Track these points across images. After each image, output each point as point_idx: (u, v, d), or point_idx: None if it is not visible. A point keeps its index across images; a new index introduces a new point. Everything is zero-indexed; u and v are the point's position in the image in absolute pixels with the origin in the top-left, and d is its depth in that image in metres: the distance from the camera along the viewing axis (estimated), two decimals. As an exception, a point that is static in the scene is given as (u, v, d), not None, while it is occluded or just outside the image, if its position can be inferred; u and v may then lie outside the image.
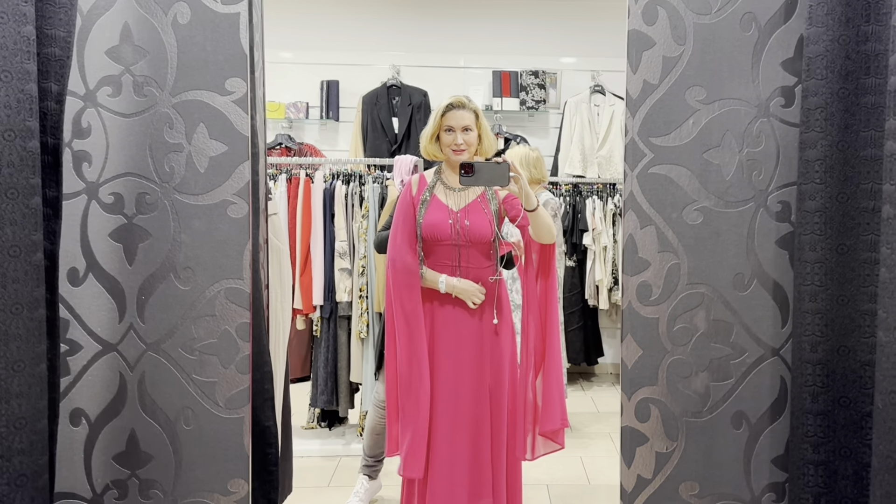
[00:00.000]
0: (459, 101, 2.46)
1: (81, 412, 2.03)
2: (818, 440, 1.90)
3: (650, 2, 2.01)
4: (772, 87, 2.02)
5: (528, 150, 3.87)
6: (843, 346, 1.89)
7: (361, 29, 5.54)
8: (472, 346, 2.45)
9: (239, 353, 2.03)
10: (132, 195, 1.99)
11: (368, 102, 5.27)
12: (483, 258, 2.47)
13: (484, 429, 2.44)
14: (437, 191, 2.51)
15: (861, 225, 1.88)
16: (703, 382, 2.06)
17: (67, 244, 1.96)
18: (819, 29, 1.88)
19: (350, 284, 3.75)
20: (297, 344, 4.37)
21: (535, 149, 3.91)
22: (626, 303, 2.06)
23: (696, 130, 2.03)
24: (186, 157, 1.99)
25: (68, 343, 2.00)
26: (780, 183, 2.03)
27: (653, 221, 2.05)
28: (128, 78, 1.98)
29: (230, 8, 1.98)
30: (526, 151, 3.83)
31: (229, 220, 2.00)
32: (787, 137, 2.02)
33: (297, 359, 3.95)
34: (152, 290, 2.01)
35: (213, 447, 2.03)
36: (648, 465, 2.08)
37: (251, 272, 2.04)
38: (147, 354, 2.02)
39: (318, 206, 3.79)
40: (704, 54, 2.02)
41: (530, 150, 3.87)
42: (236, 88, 1.99)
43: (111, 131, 1.98)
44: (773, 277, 2.04)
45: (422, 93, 5.31)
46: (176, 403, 2.03)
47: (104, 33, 1.97)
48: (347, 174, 3.87)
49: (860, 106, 1.87)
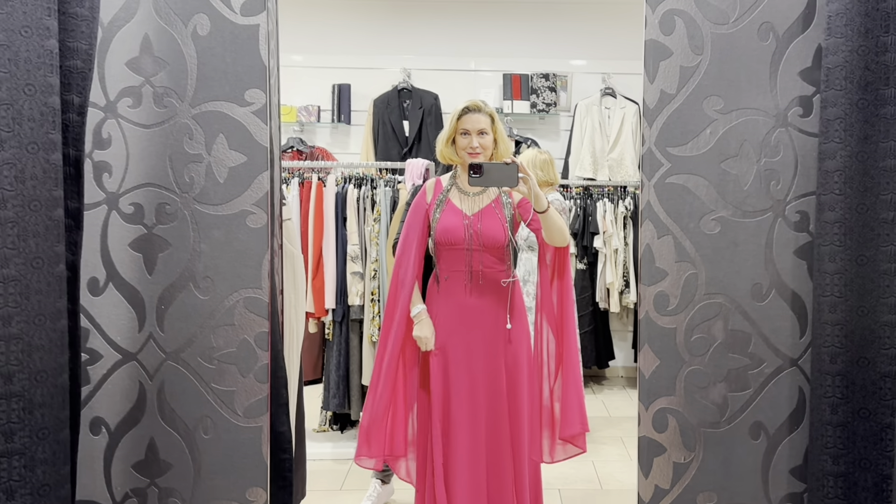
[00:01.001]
0: (476, 104, 2.47)
1: (101, 421, 2.04)
2: (838, 451, 1.89)
3: (667, 12, 2.01)
4: (790, 97, 2.02)
5: (538, 152, 3.88)
6: (862, 358, 1.89)
7: (372, 32, 5.55)
8: (485, 351, 2.46)
9: (258, 363, 2.03)
10: (152, 205, 2.00)
11: (380, 106, 5.28)
12: (497, 262, 2.47)
13: (503, 435, 2.45)
14: (451, 195, 2.52)
15: (881, 236, 1.87)
16: (720, 393, 2.06)
17: (87, 254, 1.96)
18: (838, 39, 1.88)
19: (362, 288, 3.76)
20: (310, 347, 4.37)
21: (544, 151, 3.92)
22: (644, 312, 2.06)
23: (714, 140, 2.03)
24: (206, 168, 2.00)
25: (88, 352, 2.01)
26: (799, 193, 2.03)
27: (670, 231, 2.05)
28: (148, 89, 1.98)
29: (249, 20, 1.98)
30: (535, 154, 3.85)
31: (248, 229, 2.01)
32: (805, 147, 2.02)
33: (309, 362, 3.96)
34: (172, 300, 2.02)
35: (231, 456, 2.04)
36: (666, 475, 2.08)
37: (269, 280, 2.05)
38: (166, 363, 2.03)
39: (329, 209, 3.80)
40: (722, 64, 2.02)
41: (539, 152, 3.88)
42: (255, 99, 2.00)
43: (131, 142, 1.99)
44: (792, 288, 2.04)
45: (433, 96, 5.31)
46: (195, 412, 2.04)
47: (125, 45, 1.98)
48: (359, 178, 3.88)
49: (879, 117, 1.87)
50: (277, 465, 2.26)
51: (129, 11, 1.98)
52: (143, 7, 1.98)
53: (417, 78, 5.39)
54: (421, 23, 5.58)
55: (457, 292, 2.47)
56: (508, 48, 5.59)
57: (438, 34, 5.60)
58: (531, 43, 5.60)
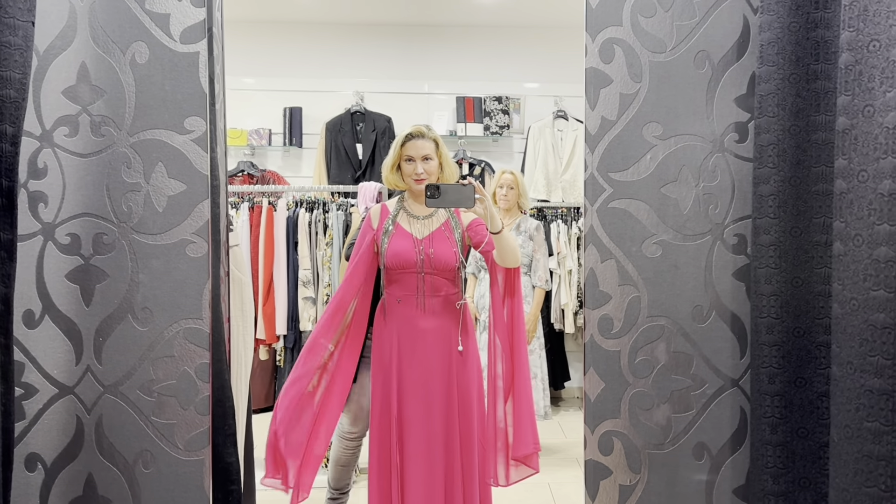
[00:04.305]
0: (419, 130, 2.49)
1: (37, 457, 1.98)
2: (778, 471, 1.92)
3: (607, 41, 2.05)
4: (726, 123, 2.06)
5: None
6: (800, 378, 1.92)
7: (325, 55, 5.55)
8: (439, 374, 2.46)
9: (198, 395, 2.00)
10: (89, 235, 1.97)
11: (332, 129, 5.27)
12: (448, 284, 2.48)
13: (455, 456, 2.44)
14: (400, 219, 2.52)
15: (815, 258, 1.92)
16: (664, 414, 2.08)
17: (22, 286, 1.92)
18: (770, 68, 1.93)
19: (314, 313, 3.73)
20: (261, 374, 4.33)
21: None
22: (588, 336, 2.08)
23: (654, 165, 2.07)
24: (144, 197, 1.97)
25: (24, 387, 1.96)
26: (736, 216, 2.07)
27: (613, 255, 2.07)
28: (85, 118, 1.95)
29: (189, 47, 1.97)
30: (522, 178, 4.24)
31: (188, 259, 1.99)
32: (741, 172, 2.06)
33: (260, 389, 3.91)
34: (110, 332, 1.98)
35: (172, 490, 2.00)
36: (612, 498, 2.08)
37: (210, 310, 2.02)
38: (105, 397, 1.99)
39: (281, 234, 3.78)
40: (660, 91, 2.06)
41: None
42: (195, 127, 1.98)
43: (68, 171, 1.95)
44: (731, 309, 2.07)
45: (386, 119, 5.32)
46: (134, 446, 1.99)
47: (61, 73, 1.94)
48: (311, 202, 3.86)
49: (811, 142, 1.92)
50: (226, 496, 2.21)
51: (65, 40, 1.95)
52: (80, 35, 1.95)
53: (370, 101, 5.40)
54: (374, 46, 5.60)
55: (410, 315, 2.47)
56: (461, 71, 5.63)
57: (391, 57, 5.62)
58: (484, 66, 5.65)
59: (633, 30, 2.04)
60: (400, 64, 5.62)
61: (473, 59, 5.65)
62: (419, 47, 5.64)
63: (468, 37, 5.65)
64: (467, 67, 5.64)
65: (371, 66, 5.58)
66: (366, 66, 5.58)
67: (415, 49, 5.64)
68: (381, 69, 5.58)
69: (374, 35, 5.60)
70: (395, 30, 5.61)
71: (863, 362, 1.58)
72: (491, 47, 5.66)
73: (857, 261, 1.59)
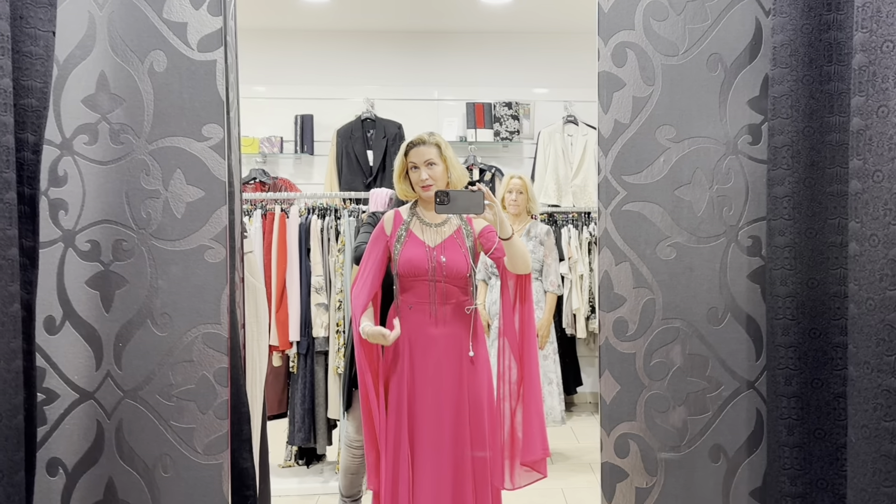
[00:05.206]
0: (419, 138, 2.52)
1: (59, 461, 2.00)
2: (795, 472, 1.92)
3: (619, 44, 2.06)
4: (739, 125, 2.07)
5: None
6: (816, 379, 1.92)
7: (335, 63, 5.59)
8: (451, 379, 2.47)
9: (217, 399, 2.02)
10: (109, 242, 1.99)
11: (343, 136, 5.30)
12: (460, 291, 2.49)
13: (465, 461, 2.45)
14: (413, 227, 2.53)
15: (830, 259, 1.92)
16: (680, 416, 2.09)
17: (44, 292, 1.94)
18: (783, 70, 1.93)
19: (327, 319, 3.74)
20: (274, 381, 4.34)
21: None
22: (604, 339, 2.08)
23: (668, 168, 2.07)
24: (163, 204, 2.00)
25: (45, 392, 1.98)
26: (750, 218, 2.07)
27: (627, 258, 2.08)
28: (104, 126, 1.98)
29: (207, 55, 1.99)
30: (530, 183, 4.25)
31: (206, 264, 2.01)
32: (755, 174, 2.07)
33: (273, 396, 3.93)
34: (129, 337, 2.00)
35: (192, 494, 2.01)
36: (629, 500, 2.09)
37: (228, 315, 2.04)
38: (124, 402, 2.01)
39: (293, 240, 3.80)
40: (673, 94, 2.07)
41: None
42: (213, 134, 2.00)
43: (87, 179, 1.98)
44: (746, 311, 2.08)
45: (396, 125, 5.35)
46: (154, 451, 2.01)
47: (80, 82, 1.97)
48: (323, 208, 3.88)
49: (825, 143, 1.92)
50: (242, 501, 2.23)
51: (84, 49, 1.98)
52: (99, 44, 1.98)
53: (381, 107, 5.42)
54: (383, 53, 5.64)
55: (421, 322, 2.48)
56: (471, 77, 5.66)
57: (401, 64, 5.65)
58: (494, 72, 5.67)
59: (646, 33, 2.06)
60: (410, 70, 5.65)
61: (483, 66, 5.68)
62: (428, 54, 5.67)
63: (477, 43, 5.67)
64: (477, 73, 5.66)
65: (381, 72, 5.61)
66: (376, 73, 5.61)
67: (424, 56, 5.67)
68: (391, 76, 5.61)
69: (383, 42, 5.63)
70: (404, 37, 5.64)
71: (880, 362, 1.58)
72: (500, 53, 5.68)
73: (874, 261, 1.60)
